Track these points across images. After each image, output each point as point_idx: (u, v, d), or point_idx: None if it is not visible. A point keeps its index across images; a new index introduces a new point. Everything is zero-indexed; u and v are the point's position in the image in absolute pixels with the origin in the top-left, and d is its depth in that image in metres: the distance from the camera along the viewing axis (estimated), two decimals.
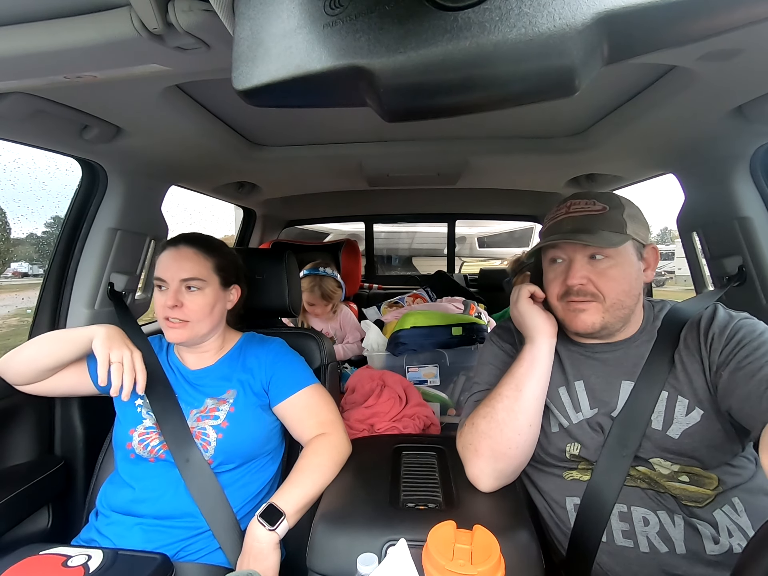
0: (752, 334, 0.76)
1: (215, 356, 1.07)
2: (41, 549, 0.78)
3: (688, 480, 0.79)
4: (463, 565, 0.60)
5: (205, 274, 0.99)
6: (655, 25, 0.33)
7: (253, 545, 0.81)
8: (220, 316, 1.04)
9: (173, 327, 0.98)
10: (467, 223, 4.39)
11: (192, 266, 0.98)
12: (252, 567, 0.80)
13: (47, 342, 0.97)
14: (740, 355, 0.74)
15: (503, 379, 0.88)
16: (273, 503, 0.84)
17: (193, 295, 0.98)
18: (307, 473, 0.90)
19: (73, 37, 0.59)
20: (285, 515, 0.83)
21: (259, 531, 0.81)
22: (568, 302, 0.86)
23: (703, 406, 0.79)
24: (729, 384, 0.74)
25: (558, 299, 0.88)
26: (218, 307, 1.02)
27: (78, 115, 0.92)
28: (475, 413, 0.88)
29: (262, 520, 0.82)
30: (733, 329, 0.79)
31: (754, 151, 1.12)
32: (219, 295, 1.02)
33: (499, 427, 0.83)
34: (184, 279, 0.97)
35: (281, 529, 0.82)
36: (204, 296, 0.98)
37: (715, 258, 1.29)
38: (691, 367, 0.81)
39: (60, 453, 1.20)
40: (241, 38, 0.40)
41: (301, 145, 1.40)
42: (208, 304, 0.99)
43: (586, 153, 1.34)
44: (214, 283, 1.01)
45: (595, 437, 0.85)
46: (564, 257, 0.87)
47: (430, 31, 0.33)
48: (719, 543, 0.74)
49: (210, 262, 1.00)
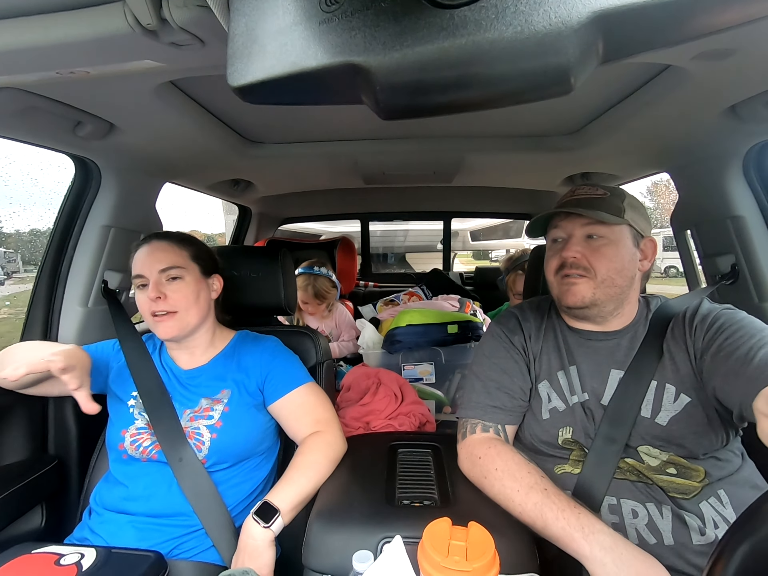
0: (731, 319, 0.82)
1: (207, 355, 1.06)
2: (34, 548, 0.77)
3: (675, 472, 0.81)
4: (458, 561, 0.60)
5: (183, 262, 0.99)
6: (650, 24, 0.33)
7: (248, 542, 0.81)
8: (206, 306, 1.03)
9: (161, 321, 0.96)
10: (460, 218, 4.47)
11: (167, 256, 0.98)
12: (247, 564, 0.80)
13: (20, 357, 0.95)
14: (720, 339, 0.80)
15: (526, 479, 0.79)
16: (268, 501, 0.84)
17: (175, 284, 0.97)
18: (302, 471, 0.90)
19: (66, 32, 0.59)
20: (280, 512, 0.83)
21: (254, 528, 0.81)
22: (562, 276, 0.90)
23: (689, 393, 0.82)
24: (711, 367, 0.79)
25: (554, 274, 0.92)
26: (203, 296, 1.02)
27: (71, 111, 0.91)
28: (482, 468, 0.85)
29: (257, 518, 0.82)
30: (714, 317, 0.85)
31: (747, 150, 1.13)
32: (201, 283, 1.02)
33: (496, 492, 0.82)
34: (163, 269, 0.96)
35: (276, 526, 0.82)
36: (186, 284, 0.98)
37: (708, 256, 1.30)
38: (678, 356, 0.85)
39: (53, 452, 1.19)
40: (236, 34, 0.40)
41: (296, 142, 1.39)
42: (191, 292, 0.98)
43: (581, 151, 1.35)
44: (194, 271, 1.00)
45: (585, 420, 0.88)
46: (563, 235, 0.92)
47: (426, 28, 0.33)
48: (705, 534, 0.76)
49: (186, 251, 1.01)
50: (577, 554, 0.69)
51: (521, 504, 0.76)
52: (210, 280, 1.06)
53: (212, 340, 1.07)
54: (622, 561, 0.65)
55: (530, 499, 0.75)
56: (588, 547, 0.67)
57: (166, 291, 0.96)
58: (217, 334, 1.09)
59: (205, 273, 1.03)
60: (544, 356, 0.95)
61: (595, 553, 0.67)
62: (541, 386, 0.93)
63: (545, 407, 0.92)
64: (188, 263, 1.00)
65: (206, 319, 1.05)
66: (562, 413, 0.90)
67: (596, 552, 0.67)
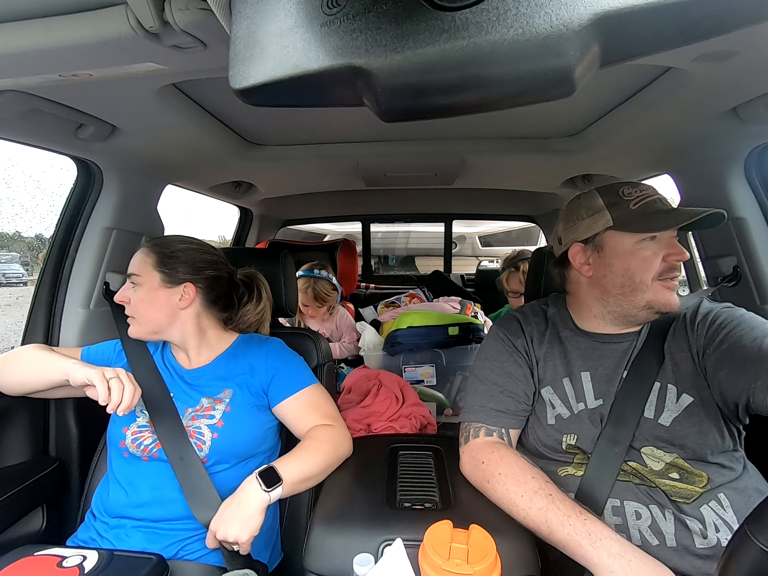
0: (732, 315, 0.84)
1: (207, 356, 1.06)
2: (36, 550, 0.77)
3: (678, 477, 0.81)
4: (459, 564, 0.60)
5: (142, 269, 0.98)
6: (651, 27, 0.33)
7: (242, 501, 0.80)
8: (170, 314, 1.00)
9: (130, 322, 1.01)
10: (466, 222, 4.31)
11: (133, 263, 1.00)
12: (233, 523, 0.78)
13: (26, 370, 0.97)
14: (723, 333, 0.81)
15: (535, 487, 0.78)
16: (274, 467, 0.84)
17: (135, 291, 0.99)
18: (310, 452, 0.91)
19: (69, 35, 0.59)
20: (282, 481, 0.82)
21: (253, 489, 0.81)
22: (666, 279, 0.85)
23: (691, 393, 0.83)
24: (716, 360, 0.80)
25: (656, 278, 0.86)
26: (161, 304, 0.99)
27: (73, 114, 0.92)
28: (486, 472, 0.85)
29: (260, 479, 0.81)
30: (715, 315, 0.86)
31: (748, 152, 1.13)
32: (158, 293, 0.98)
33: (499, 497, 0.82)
34: (129, 275, 1.00)
35: (275, 494, 0.81)
36: (143, 292, 0.98)
37: (710, 258, 1.29)
38: (679, 355, 0.86)
39: (54, 454, 1.19)
40: (237, 37, 0.40)
41: (297, 144, 1.39)
42: (142, 301, 0.98)
43: (582, 154, 1.35)
44: (152, 280, 0.98)
45: (592, 428, 0.87)
46: (657, 234, 0.86)
47: (427, 30, 0.33)
48: (707, 538, 0.76)
49: (151, 258, 0.99)
50: (584, 561, 0.68)
51: (525, 509, 0.76)
52: (175, 289, 1.00)
53: (208, 342, 1.06)
54: (630, 568, 0.65)
55: (534, 504, 0.75)
56: (596, 554, 0.67)
57: (130, 296, 0.99)
58: (213, 336, 1.07)
59: (168, 282, 0.99)
60: (549, 362, 0.94)
61: (603, 560, 0.66)
62: (544, 391, 0.93)
63: (550, 413, 0.91)
64: (148, 271, 0.98)
65: (178, 326, 1.02)
66: (567, 420, 0.89)
67: (604, 559, 0.66)
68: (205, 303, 1.05)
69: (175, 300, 1.00)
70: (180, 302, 1.00)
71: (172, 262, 1.00)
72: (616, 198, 0.88)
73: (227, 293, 1.09)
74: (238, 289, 1.12)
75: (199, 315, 1.04)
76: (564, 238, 0.96)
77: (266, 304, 1.17)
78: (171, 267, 1.00)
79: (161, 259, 0.99)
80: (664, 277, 0.85)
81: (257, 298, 1.15)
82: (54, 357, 0.96)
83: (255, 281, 1.17)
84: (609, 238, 0.88)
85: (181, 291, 1.01)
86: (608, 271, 0.88)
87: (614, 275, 0.88)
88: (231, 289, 1.11)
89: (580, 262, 0.92)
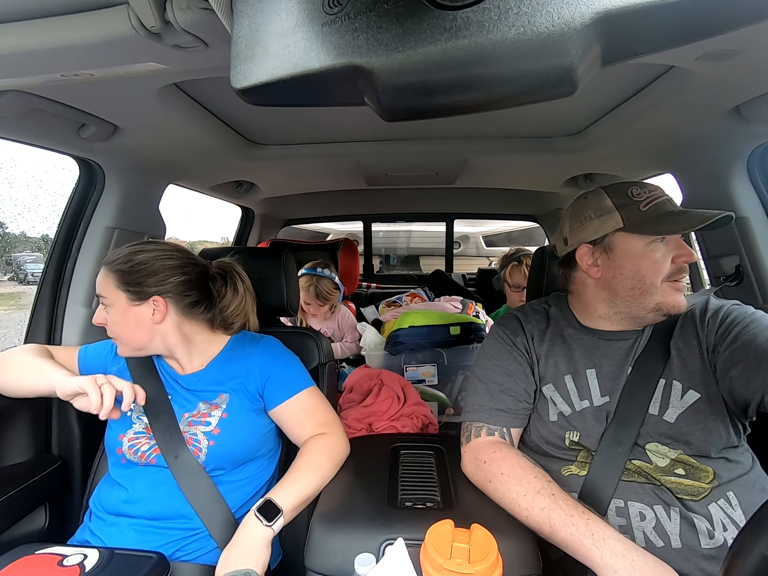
0: (744, 313, 0.84)
1: (200, 361, 1.03)
2: (37, 548, 0.77)
3: (684, 473, 0.81)
4: (460, 563, 0.60)
5: (107, 291, 0.94)
6: (653, 25, 0.33)
7: (246, 539, 0.80)
8: (147, 331, 0.95)
9: (114, 342, 0.99)
10: (470, 222, 4.27)
11: (97, 283, 0.96)
12: (241, 563, 0.78)
13: (16, 377, 0.96)
14: (735, 330, 0.80)
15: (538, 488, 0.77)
16: (271, 499, 0.83)
17: (107, 311, 0.95)
18: (305, 472, 0.90)
19: (71, 35, 0.59)
20: (282, 512, 0.82)
21: (254, 525, 0.80)
22: (674, 281, 0.85)
23: (698, 389, 0.82)
24: (728, 358, 0.79)
25: (665, 279, 0.85)
26: (138, 324, 0.94)
27: (75, 113, 0.92)
28: (487, 473, 0.84)
29: (260, 515, 0.81)
30: (726, 312, 0.85)
31: (751, 151, 1.13)
32: (128, 313, 0.93)
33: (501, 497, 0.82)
34: (98, 296, 0.96)
35: (277, 525, 0.81)
36: (111, 314, 0.95)
37: (712, 257, 1.29)
38: (687, 351, 0.85)
39: (57, 452, 1.19)
40: (239, 36, 0.40)
41: (299, 144, 1.39)
42: (115, 323, 0.94)
43: (584, 153, 1.35)
44: (118, 300, 0.94)
45: (596, 426, 0.86)
46: (667, 235, 0.85)
47: (429, 30, 0.33)
48: (714, 537, 0.75)
49: (111, 279, 0.93)
50: (587, 560, 0.68)
51: (528, 509, 0.75)
52: (144, 304, 0.94)
53: (198, 348, 1.03)
54: (633, 567, 0.65)
55: (537, 503, 0.75)
56: (599, 554, 0.67)
57: (107, 317, 0.96)
58: (202, 341, 1.03)
59: (137, 299, 0.94)
60: (551, 359, 0.94)
61: (606, 560, 0.66)
62: (545, 389, 0.92)
63: (552, 410, 0.91)
64: (112, 291, 0.94)
65: (159, 339, 0.97)
66: (569, 417, 0.89)
67: (607, 559, 0.66)
68: (181, 311, 0.98)
69: (148, 316, 0.95)
70: (154, 317, 0.95)
71: (133, 278, 0.94)
72: (625, 199, 0.87)
73: (204, 293, 1.02)
74: (216, 283, 1.05)
75: (179, 324, 0.98)
76: (570, 238, 0.95)
77: (245, 296, 1.10)
78: (134, 283, 0.93)
79: (122, 278, 0.94)
80: (673, 278, 0.85)
81: (233, 291, 1.07)
82: (44, 366, 0.94)
83: (229, 272, 1.09)
84: (619, 240, 0.87)
85: (152, 305, 0.95)
86: (618, 273, 0.87)
87: (624, 277, 0.87)
88: (208, 286, 1.04)
89: (588, 264, 0.91)
